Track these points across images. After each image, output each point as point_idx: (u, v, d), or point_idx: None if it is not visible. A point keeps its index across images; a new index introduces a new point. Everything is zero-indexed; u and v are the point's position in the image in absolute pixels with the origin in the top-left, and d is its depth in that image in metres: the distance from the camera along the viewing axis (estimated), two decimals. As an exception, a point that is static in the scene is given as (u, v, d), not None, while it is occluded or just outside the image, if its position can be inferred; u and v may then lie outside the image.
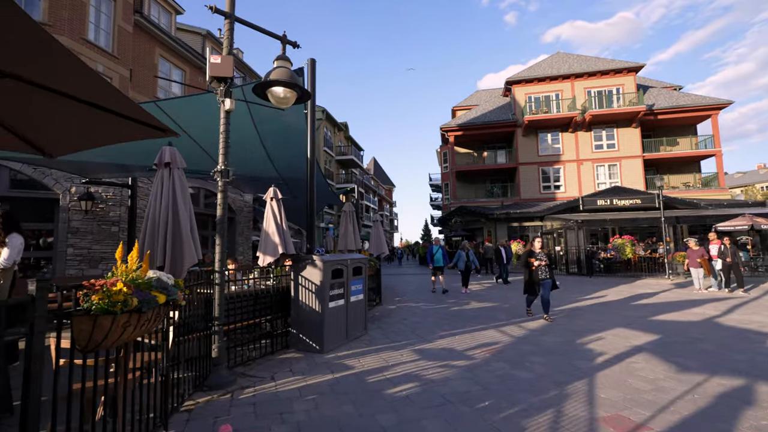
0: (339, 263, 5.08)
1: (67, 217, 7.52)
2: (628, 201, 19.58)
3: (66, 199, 7.55)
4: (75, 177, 7.41)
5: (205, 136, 5.95)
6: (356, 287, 5.52)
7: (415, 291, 11.73)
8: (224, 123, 3.92)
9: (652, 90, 25.86)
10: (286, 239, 4.74)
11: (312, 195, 5.93)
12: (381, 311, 7.90)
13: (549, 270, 6.94)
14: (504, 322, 6.69)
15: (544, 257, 6.96)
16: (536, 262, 6.86)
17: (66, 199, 7.55)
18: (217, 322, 3.66)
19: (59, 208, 7.49)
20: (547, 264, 6.95)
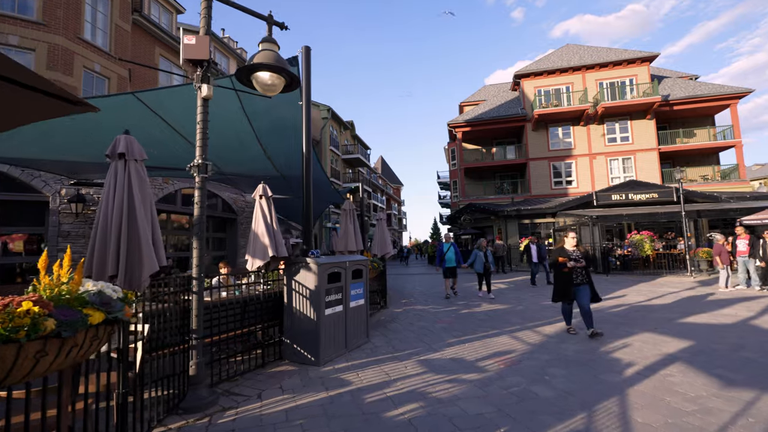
0: (336, 266, 4.64)
1: (58, 221, 7.22)
2: (644, 195, 18.81)
3: (56, 202, 7.26)
4: (65, 179, 7.10)
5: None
6: (356, 291, 5.08)
7: (423, 292, 11.25)
8: (201, 112, 3.51)
9: (667, 80, 24.93)
10: (277, 240, 4.31)
11: (308, 191, 5.51)
12: (386, 315, 7.45)
13: (586, 273, 5.53)
14: (518, 327, 6.19)
15: (580, 257, 5.57)
16: (570, 263, 5.49)
17: (56, 202, 7.26)
18: (195, 336, 3.25)
19: (49, 212, 7.20)
20: (584, 267, 5.56)
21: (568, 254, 5.58)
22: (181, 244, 10.15)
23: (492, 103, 27.44)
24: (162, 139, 5.52)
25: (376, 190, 47.81)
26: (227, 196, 11.44)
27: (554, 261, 5.69)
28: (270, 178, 8.80)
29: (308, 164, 5.64)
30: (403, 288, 12.63)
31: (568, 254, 5.58)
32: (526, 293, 10.20)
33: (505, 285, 12.44)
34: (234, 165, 7.91)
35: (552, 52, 27.24)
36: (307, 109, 5.71)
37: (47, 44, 10.39)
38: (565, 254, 5.61)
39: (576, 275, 5.48)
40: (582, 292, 5.45)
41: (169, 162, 6.70)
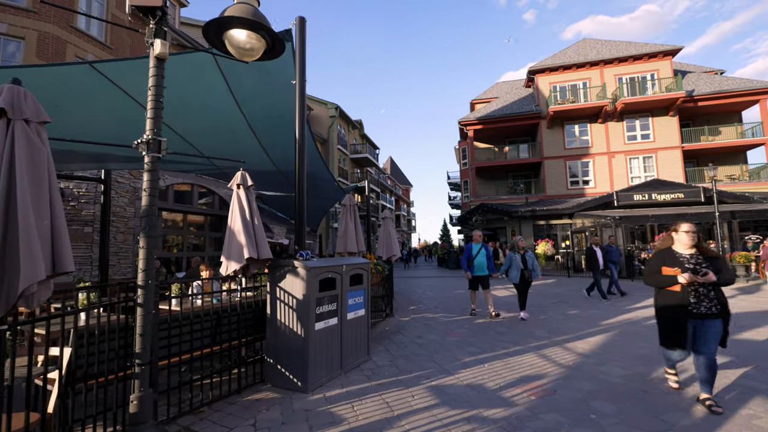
0: (329, 270, 3.87)
1: (33, 217, 6.60)
2: (669, 195, 17.70)
3: (32, 197, 6.63)
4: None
5: (179, 113, 4.85)
6: (355, 300, 4.30)
7: (433, 298, 10.42)
8: (154, 75, 2.77)
9: (691, 75, 23.72)
10: (258, 240, 3.56)
11: (301, 183, 4.78)
12: (392, 325, 6.65)
13: (716, 296, 3.13)
14: (545, 342, 5.33)
15: (703, 265, 3.15)
16: (682, 276, 3.14)
17: (32, 197, 6.63)
18: (139, 361, 2.50)
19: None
20: (712, 283, 3.10)
21: (679, 261, 3.24)
22: (173, 244, 9.51)
23: (505, 101, 26.48)
24: (133, 120, 4.80)
25: (384, 190, 47.05)
26: (225, 193, 10.78)
27: (654, 270, 3.37)
28: (268, 173, 8.10)
29: (301, 153, 4.91)
30: (411, 293, 11.82)
31: (681, 261, 3.24)
32: (547, 300, 9.30)
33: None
34: (226, 155, 7.20)
35: (568, 47, 26.18)
36: (301, 88, 4.97)
37: (37, 32, 9.88)
38: (674, 261, 3.26)
39: (699, 299, 3.13)
40: (708, 331, 3.10)
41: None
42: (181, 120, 5.08)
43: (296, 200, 4.78)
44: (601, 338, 5.45)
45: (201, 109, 4.93)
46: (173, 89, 4.34)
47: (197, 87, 4.46)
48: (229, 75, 4.27)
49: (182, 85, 4.24)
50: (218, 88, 4.48)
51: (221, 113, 5.13)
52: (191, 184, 9.63)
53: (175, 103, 4.60)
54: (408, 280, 16.49)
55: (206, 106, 4.86)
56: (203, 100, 4.76)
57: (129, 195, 7.85)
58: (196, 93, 4.61)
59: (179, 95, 4.40)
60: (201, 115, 5.07)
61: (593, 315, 7.25)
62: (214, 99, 4.73)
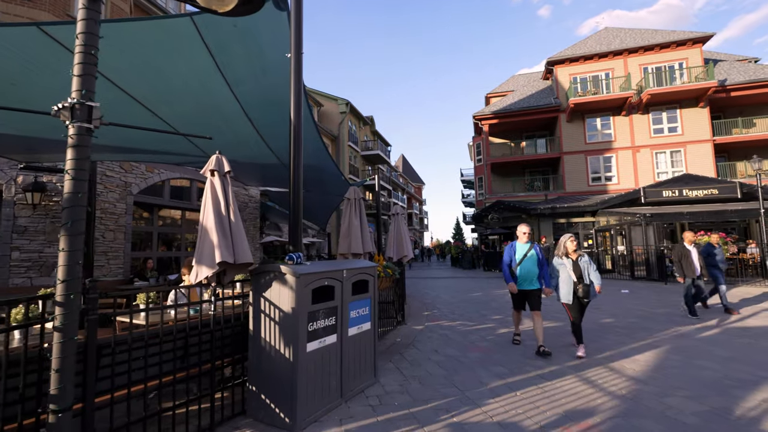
0: (326, 277, 3.14)
1: (12, 213, 6.06)
2: (701, 191, 16.45)
3: (11, 191, 6.10)
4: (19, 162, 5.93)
5: (159, 94, 4.19)
6: (359, 312, 3.56)
7: (448, 302, 9.62)
8: (84, 17, 2.07)
9: (722, 64, 22.24)
10: (236, 239, 2.87)
11: (297, 172, 4.08)
12: (404, 335, 5.90)
13: None
14: (583, 359, 4.51)
15: None
16: None
17: (11, 191, 6.10)
18: (54, 407, 1.81)
19: (2, 202, 6.05)
20: None
21: None
22: (170, 242, 8.95)
23: (521, 94, 25.40)
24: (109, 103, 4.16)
25: (396, 188, 46.27)
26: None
27: None
28: (270, 166, 7.44)
29: (297, 137, 4.20)
30: (424, 295, 11.04)
31: None
32: (574, 306, 8.42)
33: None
34: (223, 148, 6.53)
35: (589, 37, 24.94)
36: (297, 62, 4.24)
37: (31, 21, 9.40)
38: None
39: None
40: None
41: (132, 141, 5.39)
42: (163, 103, 4.42)
43: (291, 192, 4.07)
44: (651, 356, 4.60)
45: (185, 90, 4.26)
46: (149, 64, 3.69)
47: (178, 63, 3.78)
48: (216, 49, 3.56)
49: (159, 60, 3.58)
50: (203, 66, 3.79)
51: (210, 96, 4.45)
52: (189, 180, 9.05)
53: (153, 81, 3.95)
54: (421, 281, 15.71)
55: (190, 86, 4.18)
56: (186, 79, 4.08)
57: (119, 190, 7.28)
58: (177, 71, 3.93)
59: (158, 72, 3.74)
60: (186, 97, 4.40)
61: (632, 325, 6.37)
62: (201, 78, 4.04)
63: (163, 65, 3.68)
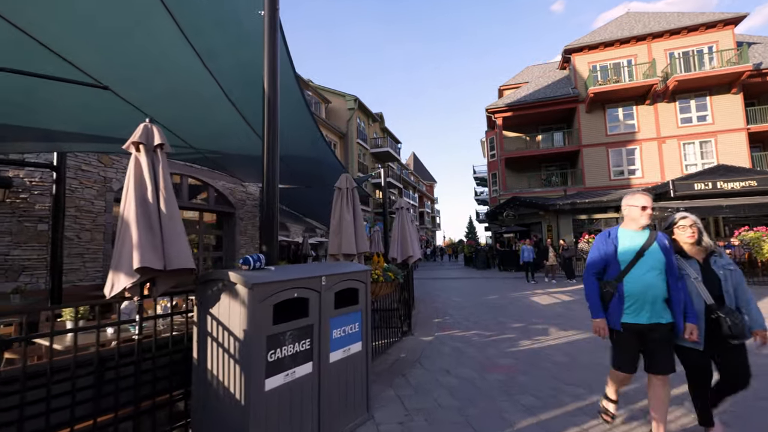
0: (294, 286, 2.33)
1: (-26, 212, 5.46)
2: (738, 183, 15.12)
3: (-27, 187, 5.49)
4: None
5: (119, 71, 3.46)
6: (345, 330, 2.75)
7: (461, 306, 8.74)
8: None
9: (756, 47, 20.68)
10: (168, 236, 2.09)
11: (271, 150, 3.33)
12: (409, 349, 5.07)
13: None
14: (632, 384, 3.61)
15: None
16: None
17: (-27, 187, 5.49)
18: None
19: (-37, 200, 5.45)
20: None
21: None
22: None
23: (537, 85, 24.22)
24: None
25: (407, 186, 45.36)
26: (222, 185, 9.51)
27: None
28: (259, 158, 6.69)
29: (272, 114, 3.44)
30: (434, 298, 10.17)
31: None
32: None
33: (568, 297, 9.66)
34: (207, 138, 5.79)
35: (609, 22, 23.60)
36: (272, 20, 3.44)
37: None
38: None
39: None
40: None
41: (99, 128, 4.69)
42: (123, 81, 3.68)
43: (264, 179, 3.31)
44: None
45: (143, 58, 3.50)
46: (110, 36, 2.97)
47: (139, 35, 3.05)
48: (174, 6, 2.77)
49: (119, 30, 2.85)
50: (168, 33, 3.04)
51: (177, 70, 3.69)
52: (180, 175, 8.39)
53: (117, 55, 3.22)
54: (432, 282, 14.83)
55: (150, 54, 3.42)
56: (144, 47, 3.32)
57: (98, 186, 6.65)
58: (140, 43, 3.20)
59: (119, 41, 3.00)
60: (144, 65, 3.66)
61: (680, 335, 5.40)
62: (162, 47, 3.29)
63: (125, 36, 2.94)
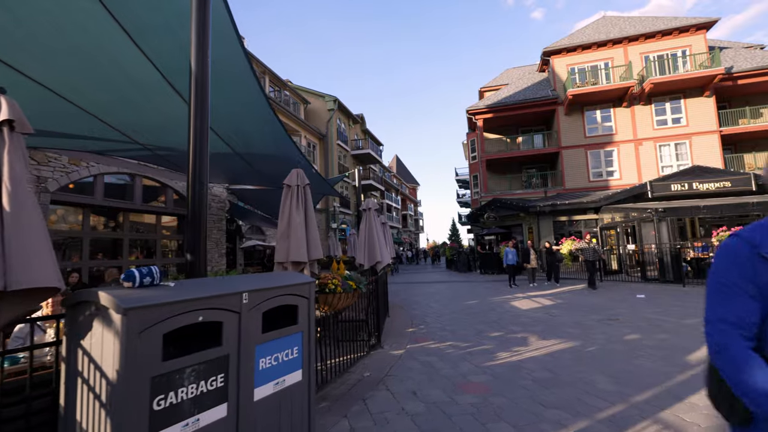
0: (198, 306, 1.79)
1: None
2: (713, 184, 15.24)
3: None
4: None
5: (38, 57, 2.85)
6: (279, 358, 2.23)
7: (439, 313, 8.29)
8: None
9: (728, 51, 21.17)
10: (9, 244, 1.53)
11: (198, 143, 2.80)
12: (375, 366, 4.55)
13: None
14: (620, 404, 3.19)
15: None
16: None
17: None
18: None
19: None
20: None
21: None
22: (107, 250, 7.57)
23: (516, 87, 24.22)
24: None
25: (390, 189, 44.96)
26: (182, 186, 8.81)
27: None
28: (221, 157, 6.08)
29: (201, 97, 2.91)
30: (412, 304, 9.70)
31: None
32: (588, 316, 7.11)
33: (557, 302, 9.33)
34: (152, 132, 5.15)
35: (586, 25, 23.82)
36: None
37: None
38: None
39: None
40: None
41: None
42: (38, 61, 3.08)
43: (190, 176, 2.78)
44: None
45: (56, 33, 2.91)
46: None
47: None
48: None
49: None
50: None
51: (100, 49, 3.11)
52: (133, 175, 7.68)
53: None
54: (412, 287, 14.37)
55: (65, 30, 2.83)
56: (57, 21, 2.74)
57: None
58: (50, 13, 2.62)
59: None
60: (57, 40, 3.06)
61: (664, 343, 5.07)
62: (83, 23, 2.73)
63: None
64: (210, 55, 2.85)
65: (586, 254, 11.67)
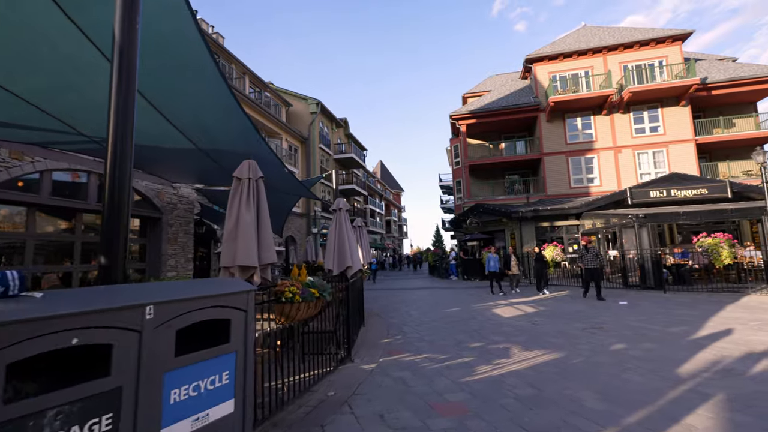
0: (71, 325, 1.34)
1: None
2: (690, 191, 15.43)
3: None
4: None
5: None
6: (202, 386, 1.78)
7: (418, 321, 7.89)
8: None
9: (702, 62, 21.73)
10: None
11: (120, 128, 2.33)
12: (341, 384, 4.10)
13: None
14: (612, 427, 2.85)
15: None
16: None
17: None
18: None
19: None
20: None
21: None
22: (56, 254, 6.90)
23: (500, 93, 24.31)
24: None
25: (373, 194, 44.55)
26: (145, 186, 8.18)
27: None
28: (188, 155, 5.56)
29: (126, 74, 2.44)
30: (391, 312, 9.27)
31: None
32: (571, 324, 6.83)
33: (544, 308, 9.06)
34: (99, 123, 4.60)
35: (567, 34, 24.15)
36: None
37: None
38: None
39: None
40: None
41: None
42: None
43: (107, 169, 2.31)
44: (708, 413, 2.99)
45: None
46: None
47: None
48: None
49: None
50: None
51: (38, 33, 2.62)
52: (86, 171, 7.04)
53: None
54: (392, 294, 13.94)
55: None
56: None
57: None
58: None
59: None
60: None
61: (651, 354, 4.80)
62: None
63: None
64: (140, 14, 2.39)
65: (586, 261, 10.16)
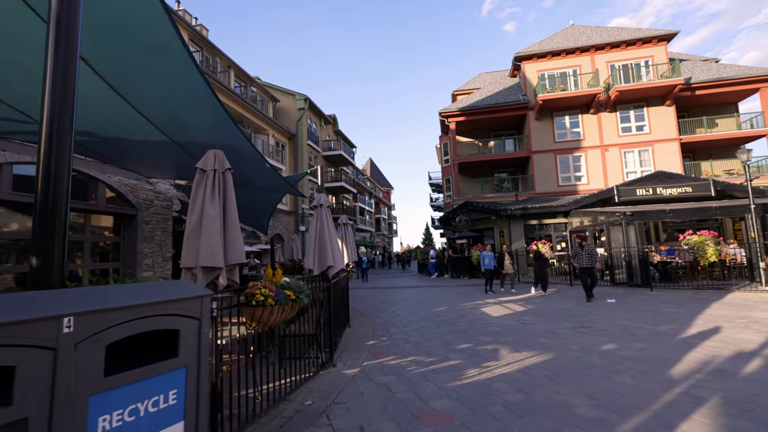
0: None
1: None
2: (675, 189, 15.56)
3: None
4: None
5: None
6: (142, 409, 1.52)
7: (406, 321, 7.67)
8: None
9: (686, 63, 22.01)
10: None
11: (56, 110, 2.01)
12: (321, 391, 3.85)
13: None
14: (606, 441, 2.67)
15: None
16: None
17: None
18: None
19: None
20: None
21: None
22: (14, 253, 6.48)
23: (489, 91, 24.25)
24: None
25: (363, 192, 44.25)
26: (118, 181, 7.77)
27: None
28: (162, 147, 5.20)
29: (65, 49, 2.09)
30: (378, 312, 9.04)
31: None
32: (559, 323, 6.70)
33: (532, 308, 8.93)
34: (84, 121, 4.19)
35: (556, 33, 24.20)
36: None
37: None
38: None
39: None
40: None
41: None
42: None
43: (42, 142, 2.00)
44: (704, 419, 2.83)
45: None
46: None
47: None
48: None
49: None
50: None
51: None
52: None
53: None
54: (380, 292, 13.71)
55: None
56: None
57: None
58: None
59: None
60: None
61: (642, 354, 4.66)
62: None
63: None
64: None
65: (581, 260, 9.54)
